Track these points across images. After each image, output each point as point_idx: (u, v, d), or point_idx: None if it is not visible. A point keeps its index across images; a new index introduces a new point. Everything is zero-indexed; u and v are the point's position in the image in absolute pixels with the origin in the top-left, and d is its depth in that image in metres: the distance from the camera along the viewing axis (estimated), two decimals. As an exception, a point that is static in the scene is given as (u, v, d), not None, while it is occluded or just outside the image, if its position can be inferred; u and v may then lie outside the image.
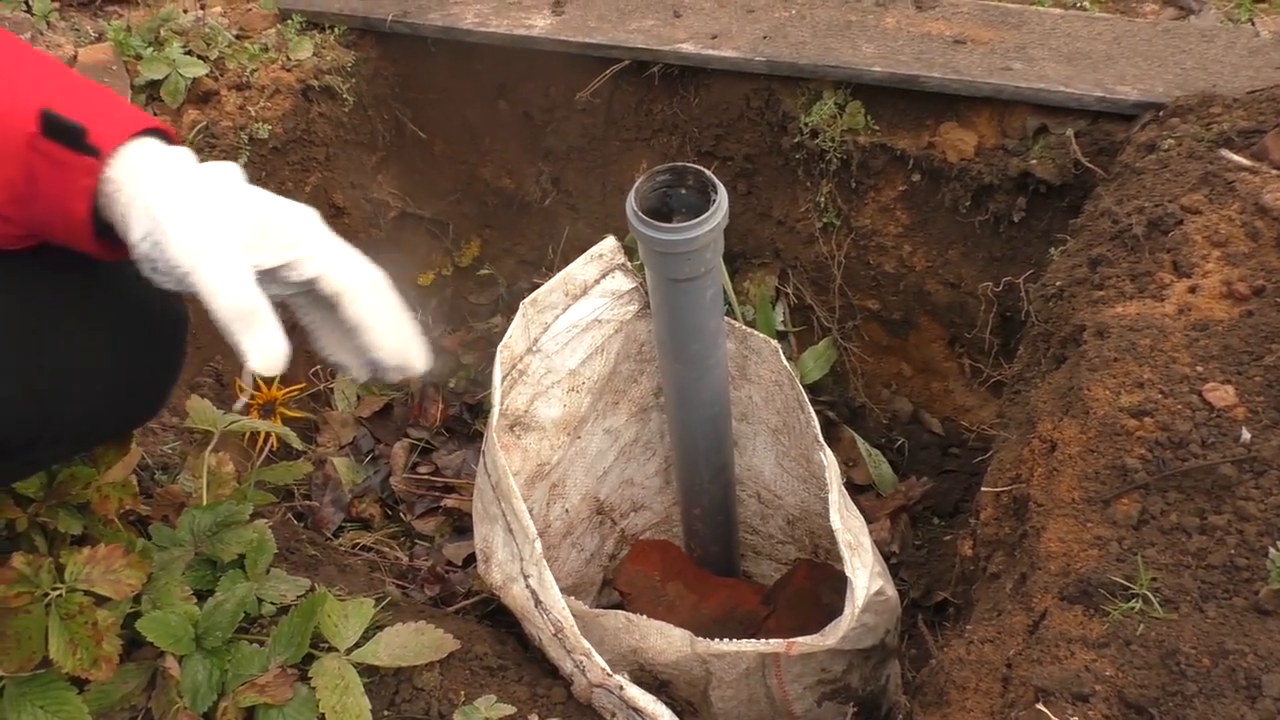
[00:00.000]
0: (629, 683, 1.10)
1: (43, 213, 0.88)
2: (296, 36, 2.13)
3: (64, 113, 0.86)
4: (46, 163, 0.86)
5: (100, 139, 0.86)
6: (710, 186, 1.11)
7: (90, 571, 1.10)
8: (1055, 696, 0.94)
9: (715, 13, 1.99)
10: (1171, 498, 1.06)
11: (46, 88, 0.88)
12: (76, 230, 0.88)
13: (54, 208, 0.88)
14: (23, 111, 0.86)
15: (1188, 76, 1.66)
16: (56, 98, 0.87)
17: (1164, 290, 1.26)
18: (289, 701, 1.08)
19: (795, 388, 1.30)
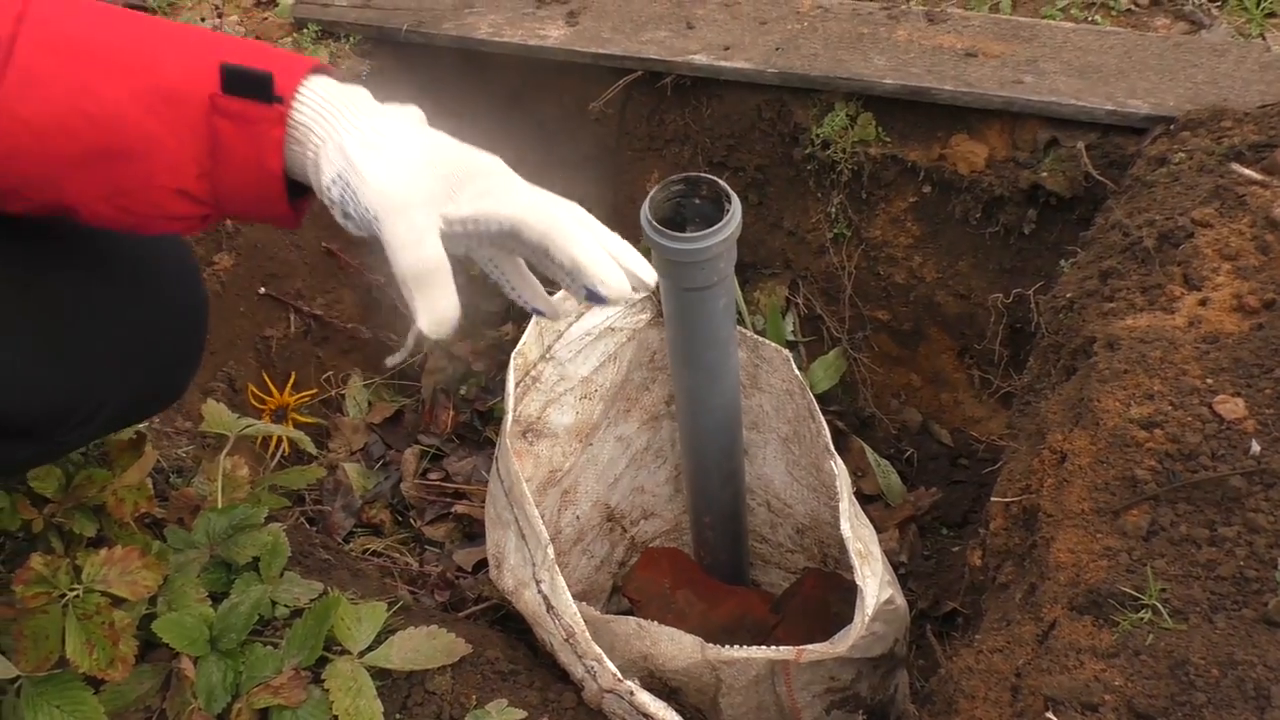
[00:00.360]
0: (639, 688, 1.10)
1: (232, 180, 0.85)
2: (312, 45, 2.15)
3: (241, 62, 0.83)
4: (232, 123, 0.83)
5: (281, 84, 0.83)
6: (724, 196, 1.12)
7: (107, 572, 1.11)
8: (1064, 706, 0.95)
9: (728, 24, 2.00)
10: (1181, 509, 1.07)
11: (217, 47, 0.85)
12: (270, 190, 0.86)
13: (245, 170, 0.85)
14: (202, 72, 0.83)
15: (1199, 90, 1.67)
16: (231, 53, 0.84)
17: (1174, 303, 1.27)
18: (302, 704, 1.09)
19: (806, 396, 1.31)
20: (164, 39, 0.86)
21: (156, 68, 0.83)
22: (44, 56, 0.82)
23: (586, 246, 0.89)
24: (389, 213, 0.82)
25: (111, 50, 0.84)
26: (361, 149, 0.83)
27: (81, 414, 1.00)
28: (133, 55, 0.84)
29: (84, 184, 0.85)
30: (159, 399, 1.13)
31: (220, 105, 0.83)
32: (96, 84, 0.82)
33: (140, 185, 0.85)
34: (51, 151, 0.83)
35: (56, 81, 0.82)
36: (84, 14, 0.86)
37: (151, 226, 0.89)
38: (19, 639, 1.08)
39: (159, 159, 0.84)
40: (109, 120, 0.82)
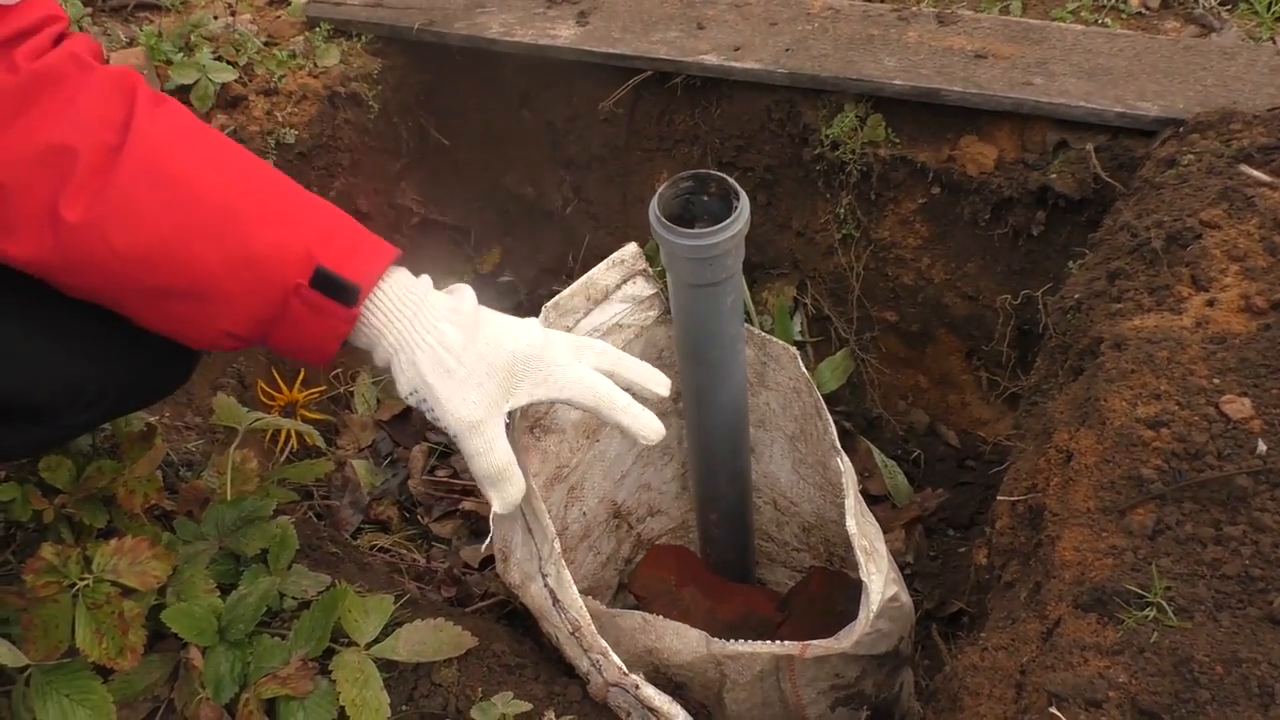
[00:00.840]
0: (645, 682, 1.11)
1: (286, 343, 0.96)
2: (324, 44, 2.16)
3: (334, 267, 0.92)
4: (308, 308, 0.93)
5: (363, 285, 0.94)
6: (732, 194, 1.13)
7: (117, 562, 1.12)
8: (1068, 702, 0.95)
9: (738, 25, 2.01)
10: (1187, 508, 1.07)
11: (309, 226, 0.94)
12: (315, 360, 0.97)
13: (302, 344, 0.96)
14: (292, 255, 0.91)
15: (1208, 93, 1.67)
16: (323, 245, 0.93)
17: (1182, 303, 1.27)
18: (310, 694, 1.09)
19: (813, 394, 1.31)
20: (261, 199, 0.93)
21: (249, 234, 0.91)
22: (146, 187, 0.88)
23: (627, 413, 1.06)
24: (465, 431, 0.98)
25: (210, 201, 0.90)
26: (434, 371, 0.97)
27: (88, 396, 1.02)
28: (232, 215, 0.91)
29: (146, 308, 0.93)
30: (165, 383, 1.15)
31: (303, 294, 0.92)
32: (190, 232, 0.89)
33: (199, 323, 0.93)
34: (129, 279, 0.90)
35: (153, 218, 0.88)
36: (187, 146, 0.92)
37: (190, 345, 0.99)
38: (29, 628, 1.09)
39: (226, 310, 0.92)
40: (193, 269, 0.90)
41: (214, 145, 0.95)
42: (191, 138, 0.93)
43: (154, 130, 0.89)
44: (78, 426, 1.08)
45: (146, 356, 1.05)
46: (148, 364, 1.06)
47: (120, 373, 1.04)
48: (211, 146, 0.94)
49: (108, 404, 1.05)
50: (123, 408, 1.16)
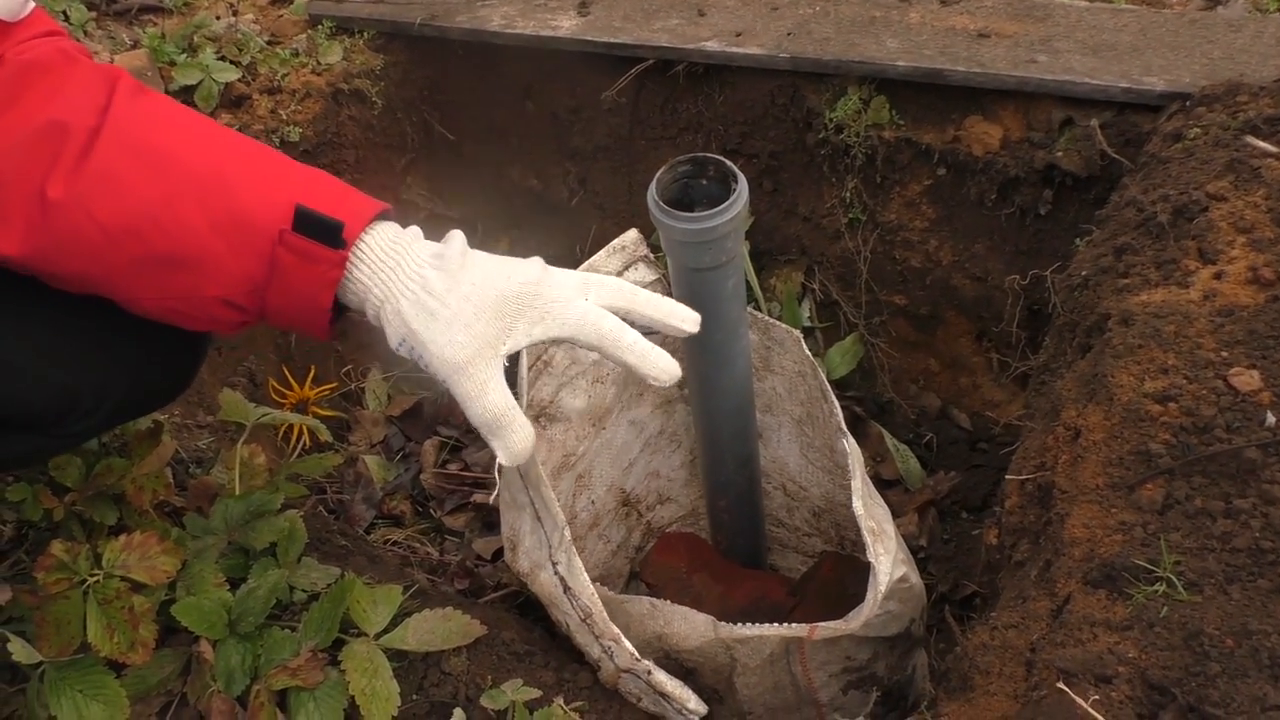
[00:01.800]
0: (656, 667, 1.11)
1: (282, 303, 0.93)
2: (326, 41, 2.16)
3: (315, 206, 0.90)
4: (295, 256, 0.90)
5: (348, 231, 0.91)
6: (731, 176, 1.12)
7: (127, 558, 1.13)
8: (1078, 678, 0.94)
9: (739, 10, 2.00)
10: (1196, 482, 1.06)
11: (291, 181, 0.93)
12: (314, 319, 0.94)
13: (297, 299, 0.93)
14: (275, 206, 0.90)
15: (1215, 66, 1.65)
16: (306, 193, 0.91)
17: (1189, 277, 1.26)
18: (320, 684, 1.10)
19: (818, 377, 1.31)
20: (243, 162, 0.92)
21: (232, 192, 0.90)
22: (126, 160, 0.88)
23: (633, 351, 0.98)
24: (453, 374, 0.93)
25: (191, 167, 0.90)
26: (419, 315, 0.92)
27: (85, 405, 1.02)
28: (211, 176, 0.90)
29: (138, 283, 0.91)
30: (165, 391, 1.15)
31: (288, 240, 0.90)
32: (173, 198, 0.88)
33: (192, 293, 0.91)
34: (117, 251, 0.89)
35: (135, 188, 0.87)
36: (167, 123, 0.92)
37: (192, 325, 0.96)
38: (41, 625, 1.10)
39: (216, 274, 0.90)
40: (179, 233, 0.89)
41: (196, 120, 0.94)
42: (172, 115, 0.93)
43: (133, 109, 0.90)
44: (76, 435, 1.08)
45: (144, 364, 1.05)
46: (146, 372, 1.07)
47: (118, 381, 1.04)
48: (193, 121, 0.94)
49: (105, 413, 1.05)
50: (122, 416, 1.16)
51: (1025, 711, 0.98)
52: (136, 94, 0.92)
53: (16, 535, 1.29)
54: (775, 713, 1.29)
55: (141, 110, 0.91)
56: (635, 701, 1.17)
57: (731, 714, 1.30)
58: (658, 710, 1.16)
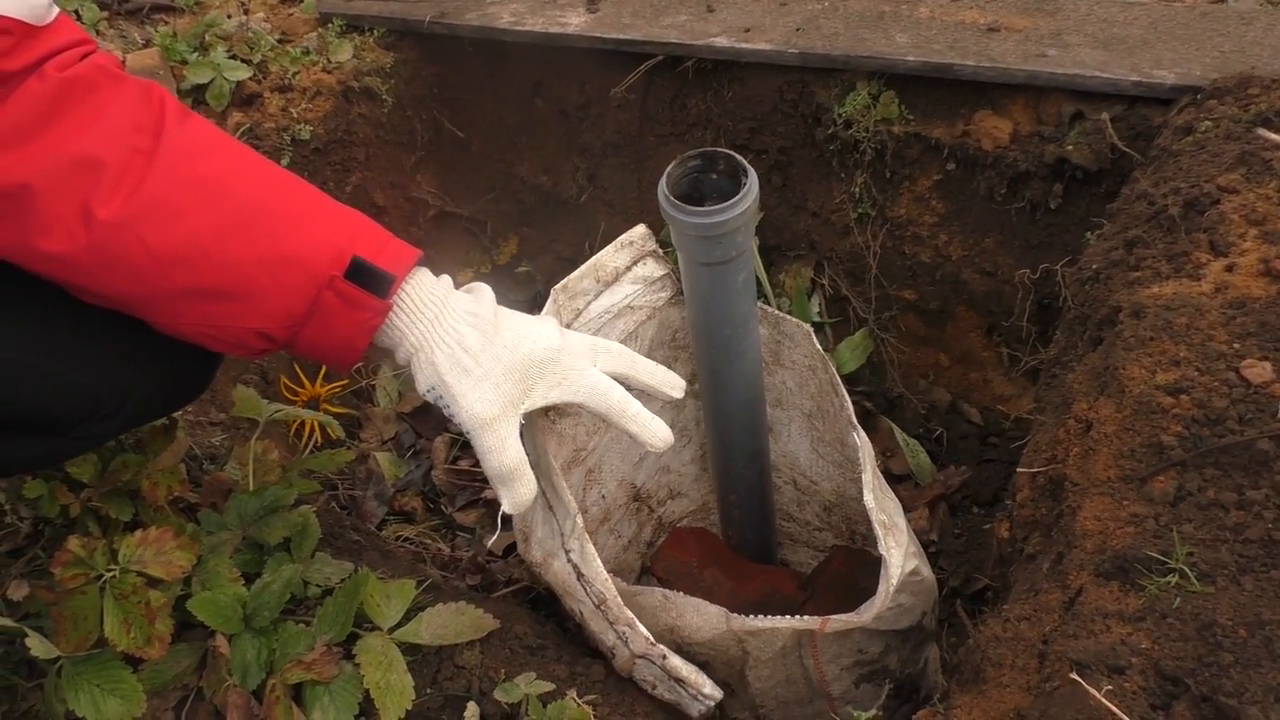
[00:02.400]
0: (671, 652, 1.11)
1: (316, 340, 0.97)
2: (337, 39, 2.17)
3: (370, 258, 0.95)
4: (341, 301, 0.94)
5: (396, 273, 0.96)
6: (741, 170, 1.13)
7: (143, 553, 1.14)
8: (1091, 669, 0.94)
9: (748, 6, 2.00)
10: (1208, 474, 1.06)
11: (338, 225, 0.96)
12: (345, 358, 0.98)
13: (333, 340, 0.97)
14: (324, 249, 0.93)
15: (1226, 59, 1.65)
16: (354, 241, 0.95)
17: (1200, 269, 1.26)
18: (335, 678, 1.10)
19: (828, 370, 1.31)
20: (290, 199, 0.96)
21: (283, 231, 0.93)
22: (180, 191, 0.90)
23: (636, 421, 1.08)
24: (479, 429, 1.00)
25: (243, 201, 0.93)
26: (452, 370, 0.99)
27: (106, 408, 1.03)
28: (261, 211, 0.93)
29: (179, 310, 0.94)
30: (182, 394, 1.16)
31: (338, 286, 0.94)
32: (225, 231, 0.91)
33: (231, 323, 0.94)
34: (163, 278, 0.91)
35: (187, 219, 0.90)
36: (217, 152, 0.94)
37: (217, 348, 0.99)
38: (59, 620, 1.11)
39: (260, 307, 0.93)
40: (228, 267, 0.91)
41: (242, 152, 0.97)
42: (220, 144, 0.95)
43: (184, 136, 0.92)
44: (97, 437, 1.09)
45: (164, 367, 1.06)
46: (165, 375, 1.07)
47: (138, 384, 1.05)
48: (239, 153, 0.97)
49: (126, 415, 1.06)
50: (141, 418, 1.17)
51: (1038, 703, 0.98)
52: (184, 118, 0.94)
53: (33, 532, 1.29)
54: (787, 706, 1.30)
55: (193, 137, 0.93)
56: (650, 689, 1.17)
57: (744, 707, 1.31)
58: (673, 697, 1.16)
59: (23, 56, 0.86)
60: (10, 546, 1.27)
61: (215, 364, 1.14)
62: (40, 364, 0.97)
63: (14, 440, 1.02)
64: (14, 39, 0.85)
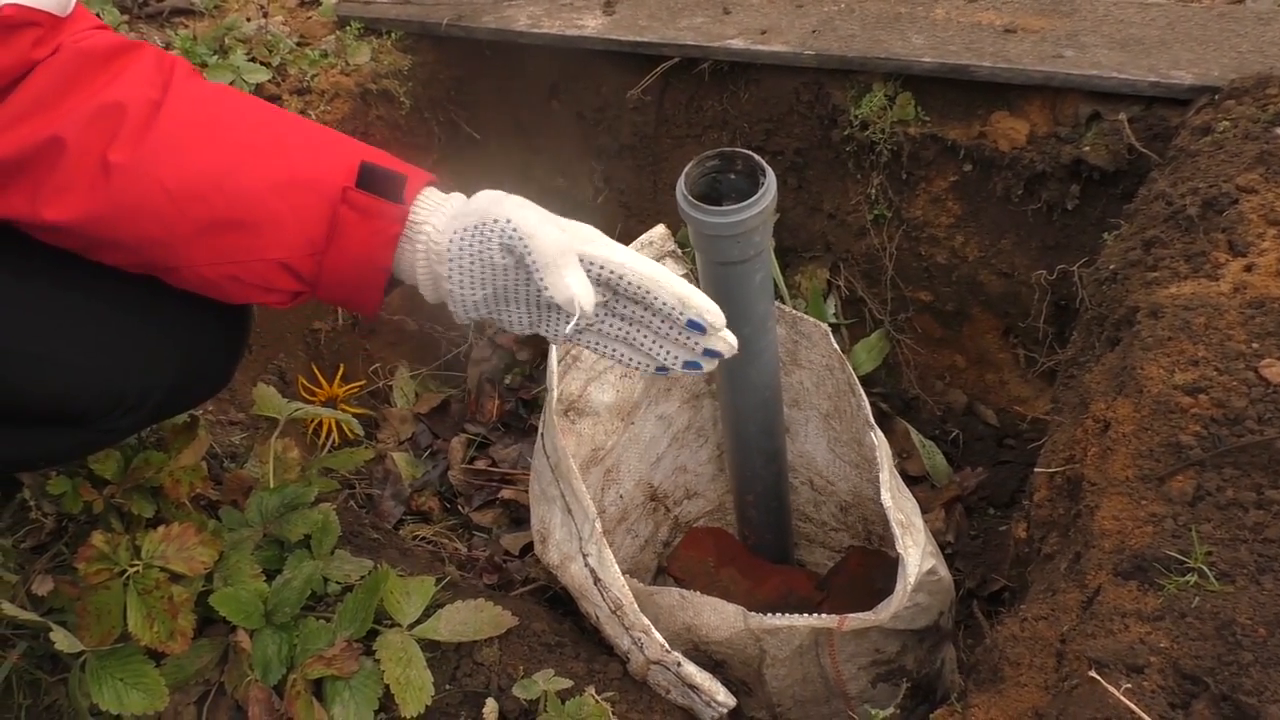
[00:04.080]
0: (686, 659, 1.12)
1: (340, 263, 0.95)
2: (355, 42, 2.19)
3: (379, 162, 0.94)
4: (358, 214, 0.93)
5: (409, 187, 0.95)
6: (759, 170, 1.13)
7: (165, 549, 1.15)
8: (1110, 668, 0.94)
9: (764, 8, 2.01)
10: (1227, 474, 1.06)
11: (349, 146, 0.97)
12: (372, 280, 0.96)
13: (356, 258, 0.95)
14: (336, 167, 0.93)
15: (1244, 60, 1.65)
16: (365, 152, 0.96)
17: (1219, 269, 1.26)
18: (355, 674, 1.11)
19: (845, 370, 1.31)
20: (301, 132, 0.97)
21: (293, 156, 0.94)
22: (188, 130, 0.92)
23: (688, 285, 0.99)
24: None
25: (251, 134, 0.94)
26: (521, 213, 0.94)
27: (130, 401, 1.04)
28: (272, 143, 0.94)
29: (199, 249, 0.94)
30: (205, 387, 1.17)
31: (351, 197, 0.93)
32: (236, 163, 0.92)
33: (252, 256, 0.94)
34: (180, 215, 0.92)
35: (197, 153, 0.91)
36: (227, 99, 0.97)
37: (247, 295, 0.98)
38: (82, 615, 1.12)
39: (277, 235, 0.93)
40: (241, 195, 0.92)
41: (247, 96, 1.00)
42: (227, 91, 0.98)
43: (192, 86, 0.95)
44: (121, 430, 1.10)
45: (187, 361, 1.07)
46: (189, 368, 1.09)
47: (162, 378, 1.06)
48: (245, 97, 0.99)
49: (150, 409, 1.07)
50: (165, 412, 1.18)
51: (1056, 702, 0.98)
52: (193, 74, 0.97)
53: (57, 528, 1.31)
54: (804, 705, 1.30)
55: (201, 87, 0.96)
56: (664, 693, 1.18)
57: (760, 706, 1.31)
58: (686, 702, 1.17)
59: (50, 44, 0.91)
60: (34, 543, 1.28)
61: (237, 360, 1.15)
62: (65, 358, 0.99)
63: (40, 433, 1.03)
64: (44, 30, 0.90)
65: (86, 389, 1.01)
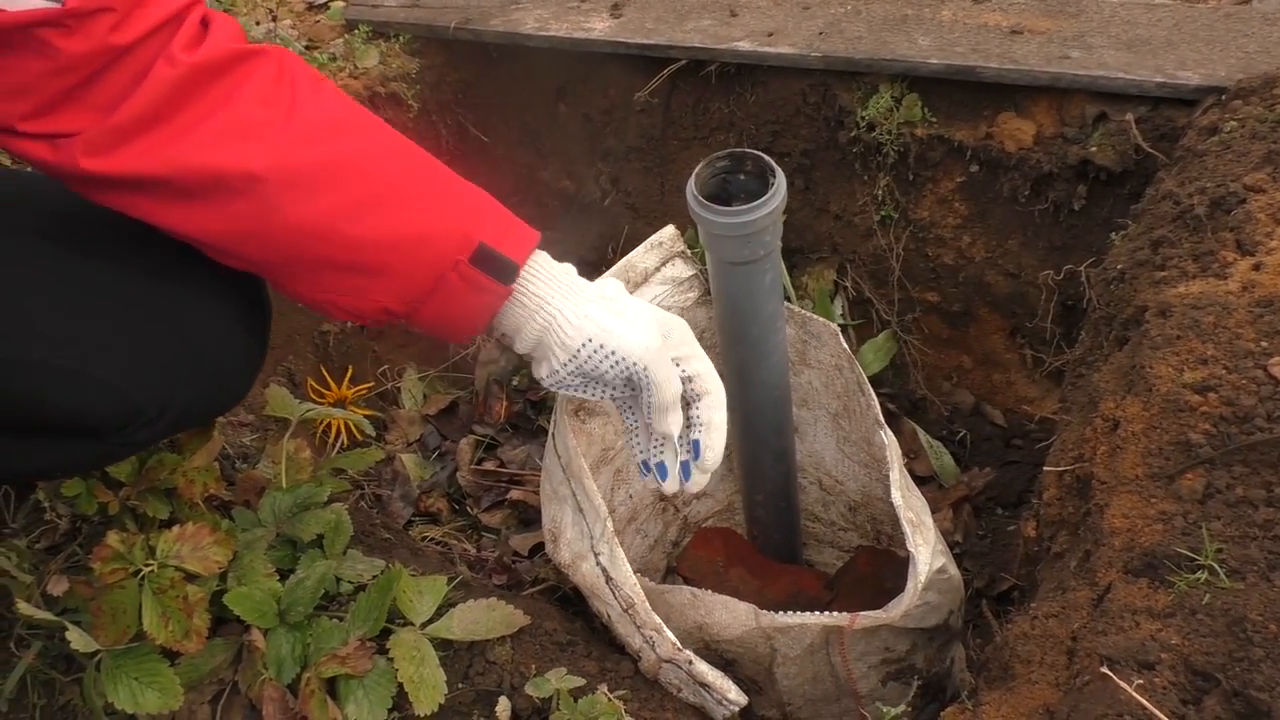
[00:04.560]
0: (698, 658, 1.12)
1: (436, 318, 0.99)
2: (363, 46, 2.20)
3: (494, 244, 0.96)
4: (465, 283, 0.96)
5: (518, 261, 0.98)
6: (769, 171, 1.14)
7: (180, 548, 1.15)
8: (1121, 665, 0.95)
9: (771, 10, 2.02)
10: (1237, 471, 1.06)
11: (466, 206, 0.98)
12: (460, 335, 1.01)
13: (453, 317, 0.99)
14: (453, 235, 0.95)
15: (1250, 60, 1.65)
16: (481, 224, 0.97)
17: (1227, 268, 1.26)
18: (368, 673, 1.12)
19: (855, 370, 1.32)
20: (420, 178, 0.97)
21: (413, 212, 0.95)
22: (314, 168, 0.92)
23: (724, 419, 1.10)
24: (654, 359, 1.01)
25: (376, 179, 0.94)
26: (607, 315, 1.01)
27: (148, 415, 1.04)
28: (396, 193, 0.95)
29: (308, 280, 0.96)
30: (222, 402, 1.17)
31: (463, 270, 0.95)
32: (358, 209, 0.93)
33: (356, 295, 0.96)
34: (298, 250, 0.93)
35: (322, 196, 0.92)
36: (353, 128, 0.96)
37: (336, 316, 1.03)
38: (98, 614, 1.13)
39: (387, 284, 0.95)
40: (359, 246, 0.93)
41: (374, 126, 0.99)
42: (351, 119, 0.97)
43: (317, 110, 0.94)
44: (138, 443, 1.10)
45: (206, 376, 1.08)
46: (207, 384, 1.09)
47: (180, 392, 1.06)
48: (372, 128, 0.98)
49: (166, 422, 1.08)
50: (183, 424, 1.18)
51: (1068, 699, 0.99)
52: (316, 90, 0.95)
53: (71, 529, 1.32)
54: (815, 704, 1.30)
55: (325, 111, 0.95)
56: (675, 692, 1.18)
57: (771, 705, 1.31)
58: (698, 701, 1.17)
59: (135, 27, 0.87)
60: (49, 543, 1.29)
61: (256, 370, 1.16)
62: (82, 370, 0.99)
63: (56, 444, 1.04)
64: (118, 15, 0.86)
65: (103, 402, 1.01)
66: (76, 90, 0.86)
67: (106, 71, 0.86)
